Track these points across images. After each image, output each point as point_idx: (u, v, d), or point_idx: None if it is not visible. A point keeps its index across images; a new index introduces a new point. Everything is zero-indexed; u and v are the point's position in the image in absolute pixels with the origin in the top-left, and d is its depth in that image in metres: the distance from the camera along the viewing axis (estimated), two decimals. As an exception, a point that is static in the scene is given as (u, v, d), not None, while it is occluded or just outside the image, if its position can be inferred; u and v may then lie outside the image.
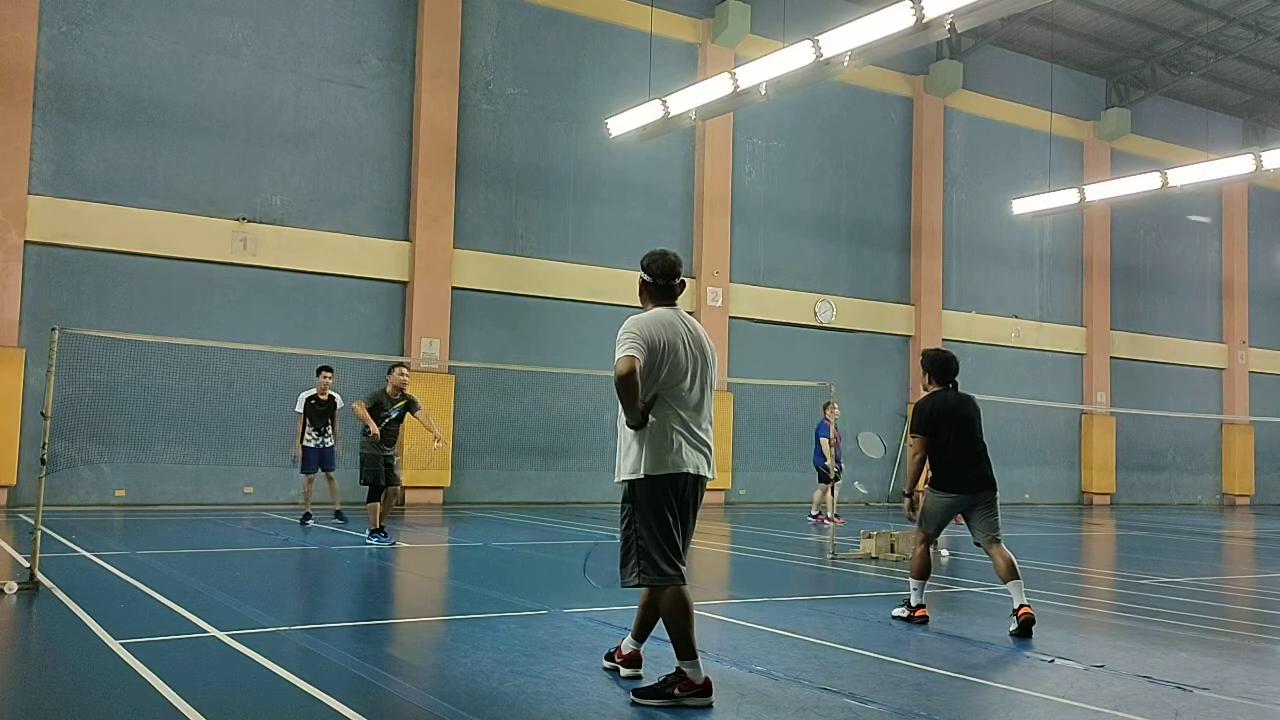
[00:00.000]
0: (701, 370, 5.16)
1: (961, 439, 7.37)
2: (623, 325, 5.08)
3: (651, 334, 5.04)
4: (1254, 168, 18.07)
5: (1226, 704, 5.24)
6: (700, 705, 4.88)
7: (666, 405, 5.04)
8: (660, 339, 5.03)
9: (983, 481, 7.39)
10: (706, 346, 5.25)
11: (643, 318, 5.17)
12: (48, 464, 8.07)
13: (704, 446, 5.14)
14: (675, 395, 5.06)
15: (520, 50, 19.88)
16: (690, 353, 5.11)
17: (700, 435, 5.12)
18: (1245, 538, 18.10)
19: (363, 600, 8.45)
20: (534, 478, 19.20)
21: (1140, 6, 24.54)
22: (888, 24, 12.23)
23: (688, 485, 5.07)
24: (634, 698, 4.96)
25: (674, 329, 5.12)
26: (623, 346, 4.96)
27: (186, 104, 16.94)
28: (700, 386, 5.15)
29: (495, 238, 19.42)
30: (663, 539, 5.00)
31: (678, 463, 5.01)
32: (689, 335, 5.17)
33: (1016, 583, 7.07)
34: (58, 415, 8.61)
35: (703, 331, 5.33)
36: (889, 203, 24.44)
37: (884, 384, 24.04)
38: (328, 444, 13.81)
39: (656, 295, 5.31)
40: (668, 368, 5.03)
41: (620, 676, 5.37)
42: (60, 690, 5.09)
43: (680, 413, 5.06)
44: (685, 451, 5.03)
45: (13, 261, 15.47)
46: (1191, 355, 29.46)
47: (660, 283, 5.30)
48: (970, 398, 7.62)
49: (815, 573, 10.54)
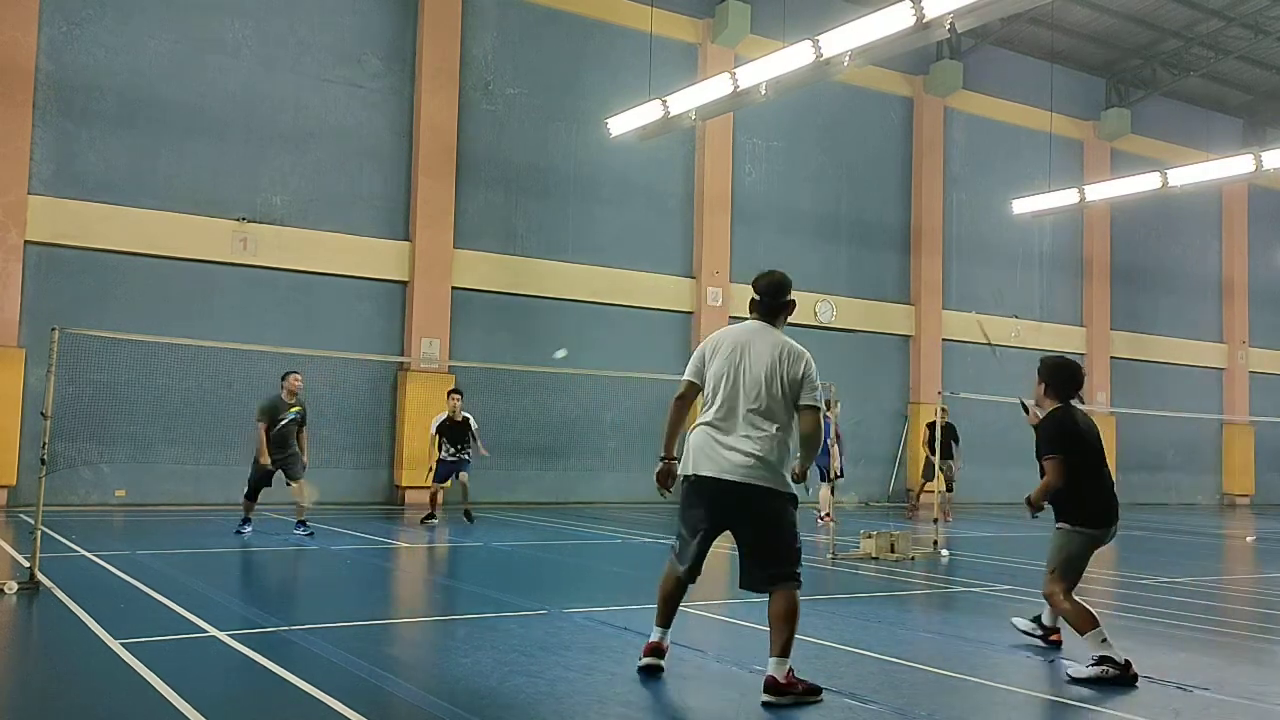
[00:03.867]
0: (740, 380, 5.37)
1: (1102, 464, 6.28)
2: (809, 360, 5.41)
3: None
4: (1254, 168, 18.07)
5: (1226, 704, 5.24)
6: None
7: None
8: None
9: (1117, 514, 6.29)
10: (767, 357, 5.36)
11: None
12: (48, 464, 8.07)
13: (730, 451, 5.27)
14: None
15: (520, 50, 19.88)
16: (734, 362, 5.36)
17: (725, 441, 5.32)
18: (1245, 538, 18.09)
19: (363, 600, 8.45)
20: (534, 478, 19.19)
21: (1140, 6, 24.54)
22: (888, 24, 12.22)
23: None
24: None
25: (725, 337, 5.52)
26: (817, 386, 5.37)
27: (186, 104, 16.94)
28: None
29: (495, 238, 19.42)
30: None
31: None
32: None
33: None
34: (58, 415, 8.61)
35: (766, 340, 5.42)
36: (889, 203, 24.44)
37: (884, 384, 24.04)
38: (465, 457, 14.40)
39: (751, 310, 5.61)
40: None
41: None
42: (60, 690, 5.09)
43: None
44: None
45: (13, 261, 15.47)
46: (1191, 355, 29.46)
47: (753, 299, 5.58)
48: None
49: (815, 573, 10.54)
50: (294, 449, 12.38)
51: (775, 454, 5.18)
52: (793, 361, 5.28)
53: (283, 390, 12.42)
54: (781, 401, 5.23)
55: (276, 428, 12.21)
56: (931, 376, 23.80)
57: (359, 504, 17.64)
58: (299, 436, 12.44)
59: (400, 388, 18.34)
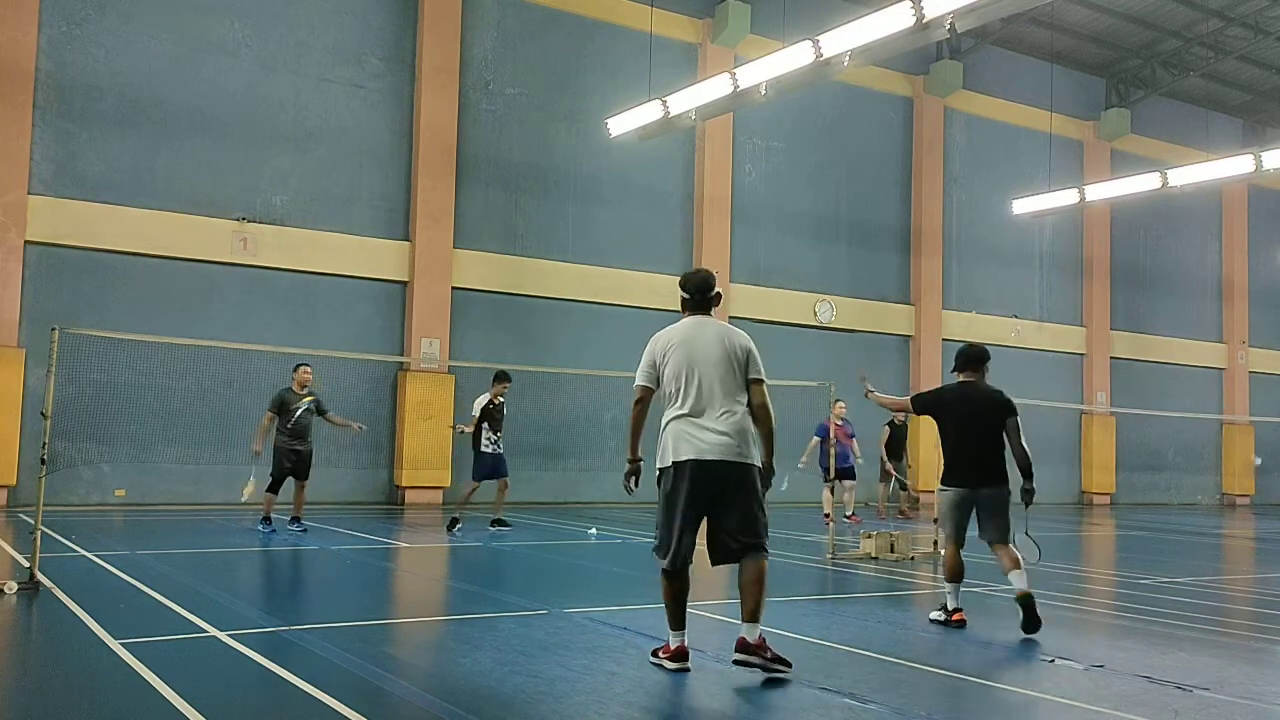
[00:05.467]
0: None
1: (966, 432, 7.31)
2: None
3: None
4: (1254, 168, 18.07)
5: (1226, 704, 5.24)
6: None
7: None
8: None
9: (984, 477, 7.23)
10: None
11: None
12: (48, 464, 8.07)
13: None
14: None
15: (520, 50, 19.88)
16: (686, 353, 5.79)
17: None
18: (1245, 538, 18.10)
19: (363, 600, 8.45)
20: (534, 478, 19.17)
21: (1140, 6, 24.54)
22: (888, 24, 12.23)
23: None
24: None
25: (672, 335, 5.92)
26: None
27: (186, 104, 16.94)
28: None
29: (495, 238, 19.42)
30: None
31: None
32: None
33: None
34: (58, 415, 8.61)
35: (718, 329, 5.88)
36: (889, 203, 24.44)
37: (884, 384, 23.86)
38: (502, 451, 13.64)
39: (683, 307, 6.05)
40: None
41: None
42: (60, 690, 5.09)
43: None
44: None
45: (13, 261, 15.47)
46: (1191, 355, 29.46)
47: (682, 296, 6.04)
48: (994, 393, 7.42)
49: (815, 573, 10.54)
50: (311, 443, 12.57)
51: (743, 430, 5.67)
52: (739, 340, 5.81)
53: (293, 382, 12.57)
54: (738, 381, 5.72)
55: (292, 420, 12.39)
56: (931, 377, 23.77)
57: (359, 504, 17.65)
58: (329, 419, 12.73)
59: (400, 388, 18.34)
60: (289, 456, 12.40)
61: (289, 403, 12.44)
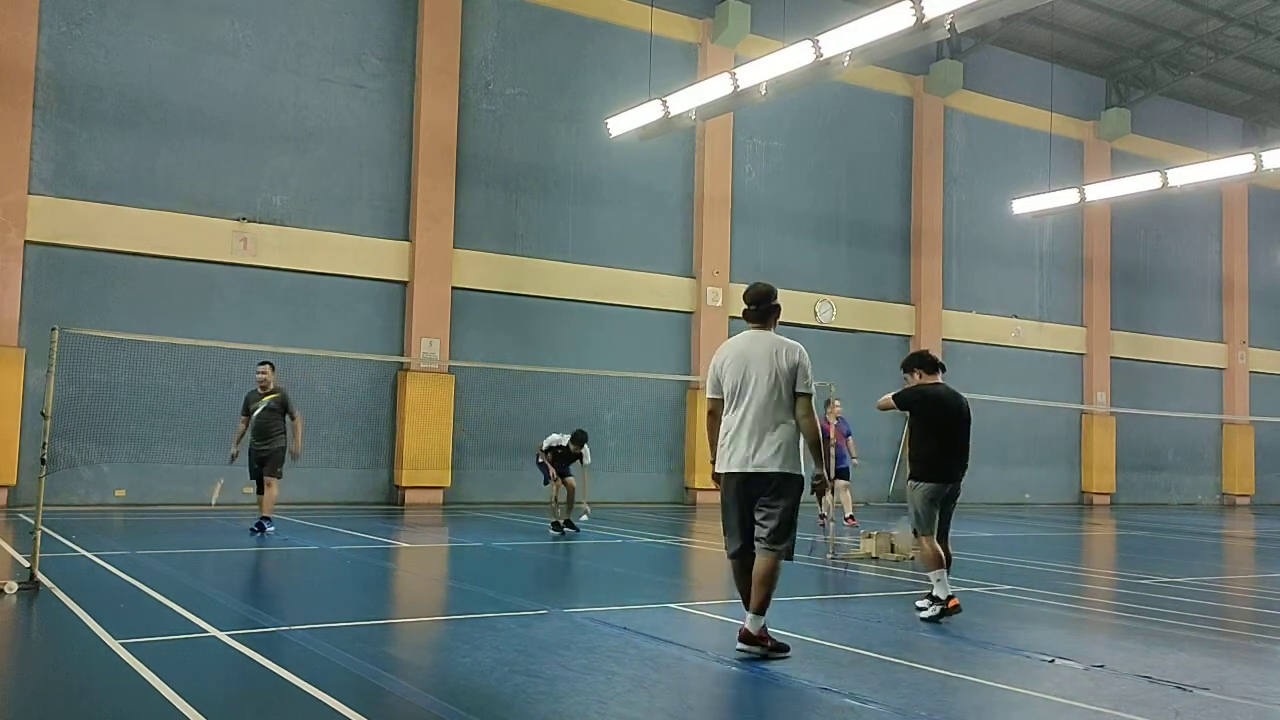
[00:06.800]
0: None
1: (943, 430, 7.71)
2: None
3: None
4: (1254, 168, 18.06)
5: (1226, 704, 5.24)
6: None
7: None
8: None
9: (960, 474, 7.73)
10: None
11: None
12: (48, 464, 8.07)
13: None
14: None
15: (520, 50, 19.88)
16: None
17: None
18: (1245, 538, 18.10)
19: (363, 600, 8.44)
20: (534, 478, 19.10)
21: (1140, 6, 24.54)
22: (888, 24, 12.22)
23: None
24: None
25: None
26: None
27: (186, 104, 16.94)
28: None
29: (495, 238, 19.42)
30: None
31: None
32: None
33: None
34: (58, 415, 8.61)
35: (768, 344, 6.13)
36: (889, 203, 24.44)
37: (884, 384, 23.72)
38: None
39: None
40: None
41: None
42: (60, 690, 5.09)
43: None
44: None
45: (13, 261, 15.47)
46: (1191, 355, 29.46)
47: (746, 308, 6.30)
48: (961, 396, 7.96)
49: (815, 573, 10.54)
50: (277, 441, 12.44)
51: (780, 443, 5.93)
52: (787, 354, 6.02)
53: (256, 383, 12.63)
54: (783, 395, 5.96)
55: (253, 418, 12.39)
56: (931, 377, 23.77)
57: (359, 504, 17.64)
58: (294, 424, 12.47)
59: (400, 388, 18.35)
60: (254, 456, 12.46)
61: (249, 402, 12.53)
